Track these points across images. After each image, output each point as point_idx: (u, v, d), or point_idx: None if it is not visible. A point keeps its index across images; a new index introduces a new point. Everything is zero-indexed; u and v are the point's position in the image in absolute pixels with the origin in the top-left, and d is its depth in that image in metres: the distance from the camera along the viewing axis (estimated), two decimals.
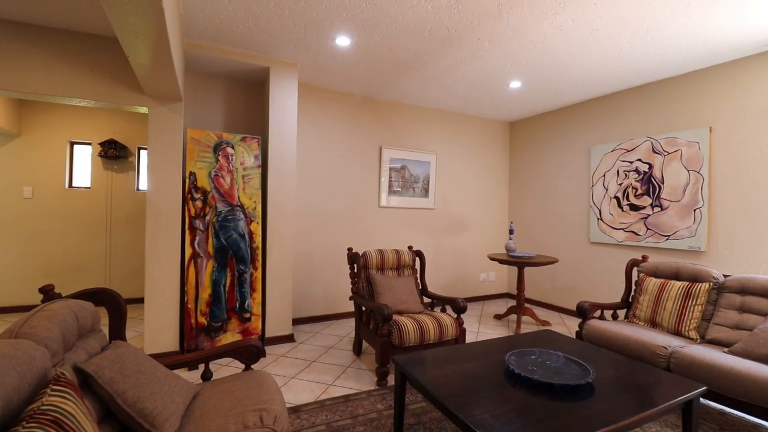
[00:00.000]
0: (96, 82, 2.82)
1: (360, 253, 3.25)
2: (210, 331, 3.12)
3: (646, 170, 3.77)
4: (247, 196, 3.29)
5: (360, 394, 2.48)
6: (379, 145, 4.50)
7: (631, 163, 3.90)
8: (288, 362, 3.03)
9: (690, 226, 3.41)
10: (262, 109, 3.76)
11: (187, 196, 3.07)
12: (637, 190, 3.86)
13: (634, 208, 3.87)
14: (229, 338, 3.18)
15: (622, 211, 3.98)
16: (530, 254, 4.07)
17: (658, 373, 1.86)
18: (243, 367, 2.87)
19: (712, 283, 2.65)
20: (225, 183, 3.22)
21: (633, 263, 3.14)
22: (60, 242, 4.33)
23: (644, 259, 3.15)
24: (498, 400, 1.53)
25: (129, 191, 4.64)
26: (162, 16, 1.71)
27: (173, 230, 3.01)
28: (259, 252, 3.32)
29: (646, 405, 1.53)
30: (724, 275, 2.70)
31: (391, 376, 2.75)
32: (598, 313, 3.03)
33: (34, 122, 4.24)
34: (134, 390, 1.29)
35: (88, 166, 4.52)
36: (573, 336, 3.50)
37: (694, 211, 3.39)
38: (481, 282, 5.33)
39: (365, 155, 4.43)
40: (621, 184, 4.00)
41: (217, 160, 3.20)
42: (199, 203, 3.12)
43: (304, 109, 4.03)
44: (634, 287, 3.18)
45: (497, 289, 5.50)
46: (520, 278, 4.13)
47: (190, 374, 2.77)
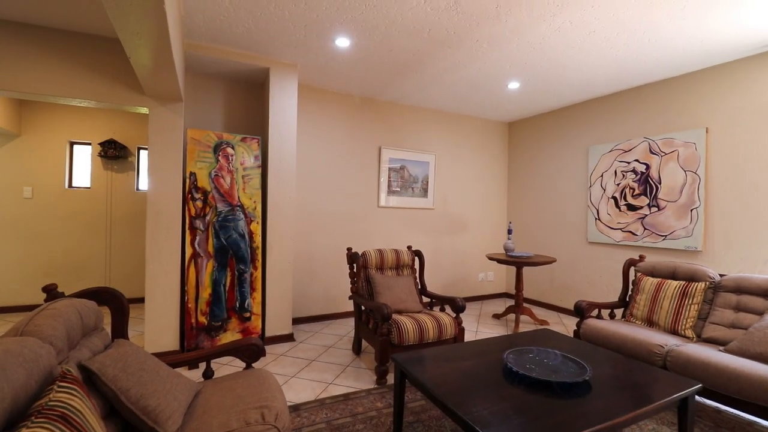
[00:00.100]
0: (97, 82, 2.83)
1: (359, 253, 3.26)
2: (210, 331, 3.13)
3: (644, 170, 3.80)
4: (247, 196, 3.31)
5: (360, 393, 2.50)
6: (379, 145, 4.52)
7: (629, 163, 3.93)
8: (288, 361, 3.05)
9: (687, 226, 3.44)
10: (262, 109, 3.78)
11: (187, 196, 3.08)
12: (634, 190, 3.89)
13: (632, 208, 3.90)
14: (229, 337, 3.19)
15: (620, 211, 4.01)
16: (528, 254, 4.10)
17: (655, 371, 1.88)
18: (242, 366, 2.89)
19: (708, 283, 2.67)
20: (225, 183, 3.24)
21: (630, 263, 3.16)
22: (60, 242, 4.34)
23: (641, 258, 3.18)
24: (496, 398, 1.55)
25: (129, 191, 4.65)
26: (164, 18, 1.73)
27: (174, 230, 3.03)
28: (259, 252, 3.34)
29: (642, 402, 1.55)
30: (720, 275, 2.73)
31: (391, 375, 2.77)
32: (595, 312, 3.07)
33: (34, 122, 4.25)
34: (137, 387, 1.30)
35: (87, 166, 4.53)
36: (571, 335, 3.53)
37: (691, 211, 3.41)
38: (480, 282, 5.36)
39: (364, 155, 4.44)
40: (619, 185, 4.03)
41: (217, 161, 3.21)
42: (200, 203, 3.13)
43: (303, 109, 4.05)
44: (631, 287, 3.21)
45: (496, 289, 5.53)
46: (518, 278, 4.15)
47: (191, 373, 2.78)
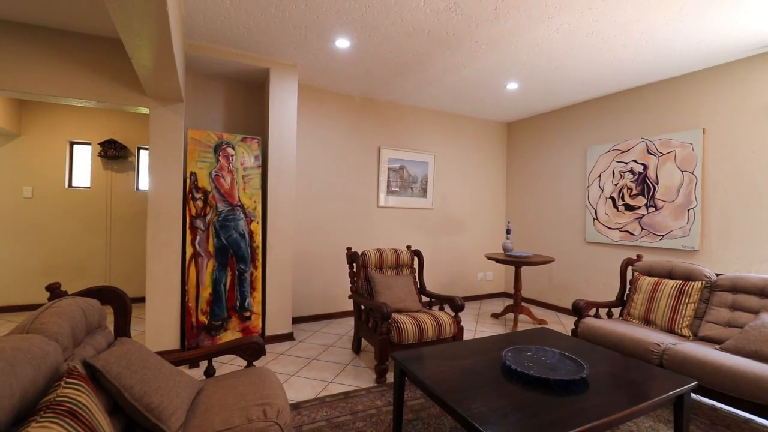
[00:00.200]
0: (98, 82, 2.85)
1: (359, 253, 3.28)
2: (210, 330, 3.15)
3: (641, 171, 3.83)
4: (247, 196, 3.33)
5: (359, 391, 2.52)
6: (378, 145, 4.54)
7: (627, 163, 3.96)
8: (288, 360, 3.07)
9: (684, 225, 3.47)
10: (262, 109, 3.79)
11: (188, 196, 3.10)
12: (632, 190, 3.91)
13: (629, 208, 3.93)
14: (229, 337, 3.21)
15: (618, 211, 4.04)
16: (527, 254, 4.12)
17: (651, 369, 1.91)
18: (243, 366, 2.91)
19: (704, 282, 2.70)
20: (225, 183, 3.25)
21: (628, 262, 3.19)
22: (60, 242, 4.35)
23: (639, 258, 3.21)
24: (495, 395, 1.57)
25: (129, 191, 4.66)
26: (166, 19, 1.74)
27: (174, 230, 3.04)
28: (259, 251, 3.35)
29: (638, 399, 1.58)
30: (716, 274, 2.75)
31: (390, 374, 2.79)
32: (593, 312, 3.09)
33: (34, 122, 4.25)
34: (141, 385, 1.32)
35: (87, 166, 4.54)
36: (569, 334, 3.55)
37: (688, 211, 3.44)
38: (479, 281, 5.38)
39: (364, 156, 4.46)
40: (616, 185, 4.06)
41: (217, 161, 3.23)
42: (200, 203, 3.15)
43: (303, 109, 4.06)
44: (628, 286, 3.24)
45: (494, 289, 5.55)
46: (517, 277, 4.18)
47: (191, 372, 2.80)
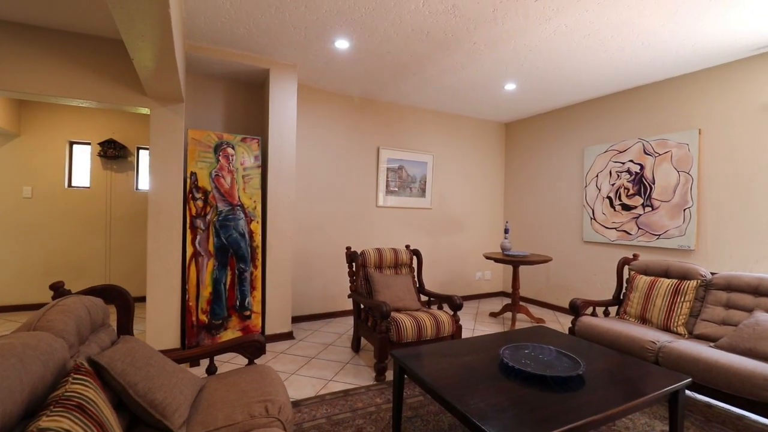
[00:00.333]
0: (98, 83, 2.86)
1: (358, 252, 3.31)
2: (211, 329, 3.17)
3: (638, 171, 3.86)
4: (247, 195, 3.35)
5: (359, 389, 2.54)
6: (377, 145, 4.57)
7: (623, 164, 3.99)
8: (288, 359, 3.09)
9: (680, 225, 3.51)
10: (261, 110, 3.81)
11: (188, 196, 3.12)
12: (629, 190, 3.95)
13: (626, 207, 3.96)
14: (229, 336, 3.23)
15: (615, 210, 4.07)
16: (525, 253, 4.15)
17: (647, 366, 1.94)
18: (242, 365, 2.93)
19: (699, 281, 2.73)
20: (225, 183, 3.27)
21: (624, 261, 3.22)
22: (59, 241, 4.36)
23: (635, 257, 3.24)
24: (493, 391, 1.60)
25: (128, 191, 4.67)
26: (168, 21, 1.76)
27: (175, 229, 3.06)
28: (259, 251, 3.38)
29: (634, 395, 1.61)
30: (711, 273, 2.79)
31: (389, 372, 2.82)
32: (590, 310, 3.12)
33: (34, 122, 4.26)
34: (145, 382, 1.34)
35: (87, 166, 4.55)
36: (566, 332, 3.58)
37: (684, 210, 3.48)
38: (477, 281, 5.41)
39: (363, 156, 4.49)
40: (613, 185, 4.09)
41: (217, 161, 3.25)
42: (200, 203, 3.17)
43: (303, 110, 4.08)
44: (625, 285, 3.27)
45: (493, 288, 5.58)
46: (515, 277, 4.21)
47: (192, 371, 2.81)
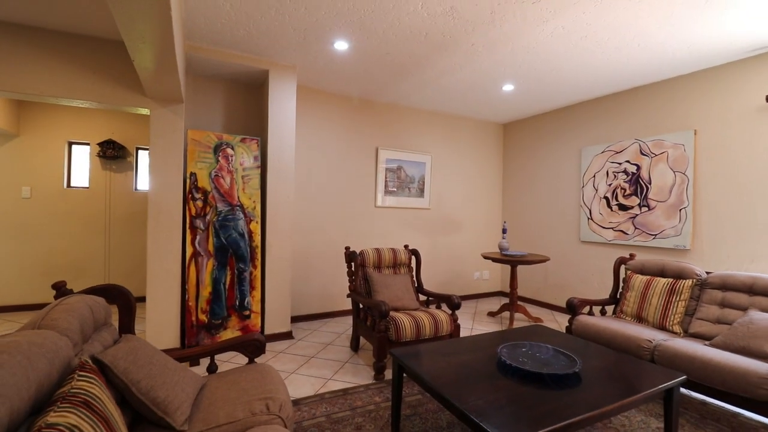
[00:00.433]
0: (98, 84, 2.87)
1: (357, 252, 3.33)
2: (210, 329, 3.18)
3: (634, 171, 3.90)
4: (246, 196, 3.36)
5: (358, 388, 2.56)
6: (376, 146, 4.59)
7: (620, 164, 4.03)
8: (287, 358, 3.11)
9: (676, 225, 3.54)
10: (261, 110, 3.83)
11: (188, 196, 3.13)
12: (625, 190, 3.98)
13: (623, 208, 4.00)
14: (228, 335, 3.24)
15: (612, 210, 4.11)
16: (523, 253, 4.18)
17: (642, 364, 1.96)
18: (242, 364, 2.94)
19: (695, 280, 2.77)
20: (225, 183, 3.29)
21: (621, 261, 3.26)
22: (58, 242, 4.36)
23: (632, 257, 3.27)
24: (491, 389, 1.62)
25: (127, 191, 4.68)
26: (169, 23, 1.78)
27: (174, 229, 3.07)
28: (259, 251, 3.39)
29: (629, 392, 1.63)
30: (706, 272, 2.82)
31: (388, 371, 2.84)
32: (587, 309, 3.15)
33: (33, 122, 4.26)
34: (147, 380, 1.36)
35: (86, 166, 4.55)
36: (563, 331, 3.61)
37: (680, 210, 3.51)
38: (475, 280, 5.44)
39: (362, 156, 4.51)
40: (610, 185, 4.13)
41: (217, 161, 3.26)
42: (200, 203, 3.18)
43: (302, 110, 4.10)
44: (621, 284, 3.30)
45: (491, 288, 5.61)
46: (512, 276, 4.23)
47: (192, 370, 2.82)
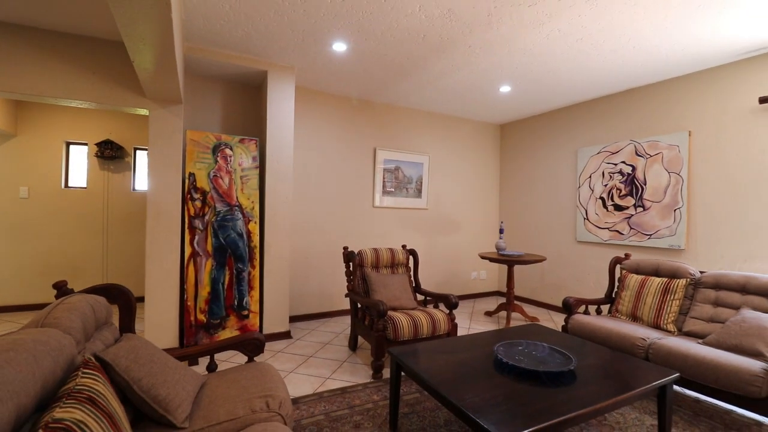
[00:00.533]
0: (97, 84, 2.88)
1: (355, 252, 3.35)
2: (209, 328, 3.19)
3: (630, 172, 3.94)
4: (245, 196, 3.38)
5: (356, 386, 2.58)
6: (374, 146, 4.61)
7: (616, 165, 4.07)
8: (286, 357, 3.12)
9: (670, 225, 3.58)
10: (259, 111, 3.84)
11: (186, 197, 3.14)
12: (621, 191, 4.02)
13: (618, 208, 4.04)
14: (227, 335, 3.25)
15: (607, 211, 4.14)
16: (519, 253, 4.21)
17: (636, 362, 2.00)
18: (240, 363, 2.96)
19: (689, 279, 2.81)
20: (223, 183, 3.30)
21: (616, 261, 3.29)
22: (56, 242, 4.35)
23: (627, 257, 3.31)
24: (487, 386, 1.65)
25: (125, 191, 4.68)
26: (170, 24, 1.80)
27: (173, 230, 3.08)
28: (257, 251, 3.41)
29: (623, 389, 1.66)
30: (700, 272, 2.86)
31: (386, 370, 2.86)
32: (582, 309, 3.18)
33: (30, 122, 4.26)
34: (148, 378, 1.37)
35: (84, 167, 4.55)
36: (559, 330, 3.64)
37: (674, 211, 3.55)
38: (473, 280, 5.47)
39: (360, 157, 4.53)
40: (606, 185, 4.17)
41: (215, 161, 3.27)
42: (199, 203, 3.19)
43: (300, 111, 4.12)
44: (617, 283, 3.34)
45: (488, 287, 5.64)
46: (509, 276, 4.26)
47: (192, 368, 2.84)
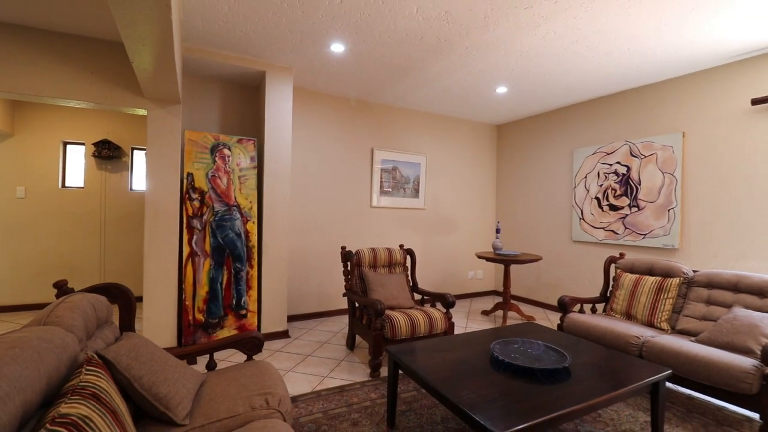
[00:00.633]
0: (96, 84, 2.89)
1: (353, 252, 3.37)
2: (207, 328, 3.21)
3: (625, 172, 3.98)
4: (243, 196, 3.39)
5: (354, 385, 2.60)
6: (371, 146, 4.63)
7: (611, 165, 4.11)
8: (284, 356, 3.14)
9: (664, 225, 3.63)
10: (257, 111, 3.86)
11: (185, 197, 3.15)
12: (616, 191, 4.06)
13: (614, 208, 4.08)
14: (225, 334, 3.27)
15: (603, 211, 4.19)
16: (516, 252, 4.25)
17: (630, 359, 2.03)
18: (238, 362, 2.97)
19: (682, 278, 2.85)
20: (222, 183, 3.31)
21: (611, 260, 3.33)
22: (53, 242, 4.35)
23: (621, 256, 3.35)
24: (484, 383, 1.68)
25: (123, 191, 4.67)
26: (170, 26, 1.81)
27: (171, 229, 3.09)
28: (255, 250, 3.42)
29: (616, 386, 1.69)
30: (693, 271, 2.90)
31: (384, 368, 2.88)
32: (578, 307, 3.22)
33: (28, 122, 4.25)
34: (149, 376, 1.39)
35: (81, 166, 4.54)
36: (555, 329, 3.68)
37: (668, 211, 3.60)
38: (470, 279, 5.50)
39: (357, 157, 4.55)
40: (601, 186, 4.21)
41: (214, 162, 3.29)
42: (197, 203, 3.20)
43: (298, 111, 4.13)
44: (611, 282, 3.37)
45: (485, 287, 5.68)
46: (506, 275, 4.30)
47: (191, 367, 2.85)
